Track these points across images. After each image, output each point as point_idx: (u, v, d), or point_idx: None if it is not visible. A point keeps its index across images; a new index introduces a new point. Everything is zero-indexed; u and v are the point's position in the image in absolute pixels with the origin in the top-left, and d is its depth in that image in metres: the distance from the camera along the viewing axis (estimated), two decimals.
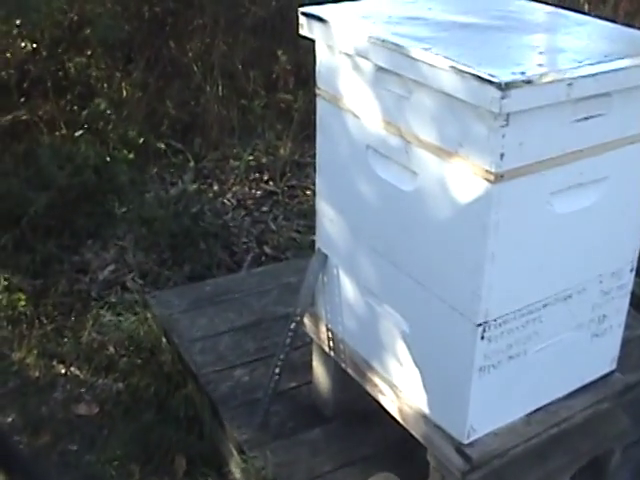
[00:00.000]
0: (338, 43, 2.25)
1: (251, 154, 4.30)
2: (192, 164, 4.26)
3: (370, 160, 2.29)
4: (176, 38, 4.65)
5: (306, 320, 2.73)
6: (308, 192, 4.12)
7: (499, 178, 1.94)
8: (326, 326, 2.65)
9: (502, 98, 1.82)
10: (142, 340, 3.12)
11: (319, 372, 2.78)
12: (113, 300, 3.38)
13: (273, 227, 3.88)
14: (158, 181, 4.16)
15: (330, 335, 2.65)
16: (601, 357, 2.47)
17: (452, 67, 1.91)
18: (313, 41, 2.37)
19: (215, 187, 4.12)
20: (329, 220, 2.51)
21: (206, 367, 2.93)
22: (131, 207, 3.85)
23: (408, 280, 2.26)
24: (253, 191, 4.11)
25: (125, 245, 3.69)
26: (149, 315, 3.20)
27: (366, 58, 2.17)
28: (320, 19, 2.28)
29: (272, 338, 3.10)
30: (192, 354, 2.98)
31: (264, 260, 3.69)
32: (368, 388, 2.51)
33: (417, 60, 1.99)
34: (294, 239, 3.80)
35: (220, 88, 4.54)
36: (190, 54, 4.56)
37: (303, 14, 2.34)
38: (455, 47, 2.03)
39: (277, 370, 2.66)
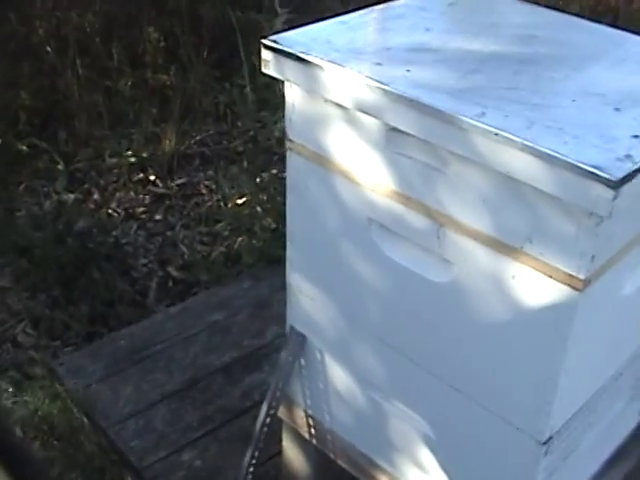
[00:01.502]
0: (327, 92, 1.61)
1: (128, 148, 3.56)
2: (62, 167, 3.48)
3: (375, 237, 1.70)
4: (18, 10, 3.77)
5: None
6: (203, 190, 3.46)
7: (587, 284, 1.42)
8: (305, 412, 2.08)
9: (614, 199, 1.29)
10: (56, 421, 2.44)
11: (292, 455, 2.22)
12: (4, 364, 2.66)
13: (173, 240, 3.21)
14: (27, 193, 3.37)
15: (311, 422, 2.09)
16: (632, 413, 2.05)
17: (526, 147, 1.35)
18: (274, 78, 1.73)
19: (95, 195, 3.38)
20: (308, 298, 1.92)
21: (147, 456, 2.30)
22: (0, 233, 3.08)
23: (434, 381, 1.72)
24: (140, 196, 3.39)
25: (4, 285, 2.93)
26: (60, 388, 2.51)
27: (375, 117, 1.56)
28: (299, 59, 1.63)
29: (215, 402, 2.50)
30: (126, 440, 2.34)
31: (172, 286, 3.03)
32: None
33: (467, 131, 1.41)
34: (200, 253, 3.15)
35: (78, 68, 3.74)
36: (40, 31, 3.71)
37: (268, 47, 1.69)
38: (508, 105, 1.45)
39: (249, 473, 2.08)
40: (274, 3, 3.70)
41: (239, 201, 3.36)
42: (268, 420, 2.03)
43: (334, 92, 1.59)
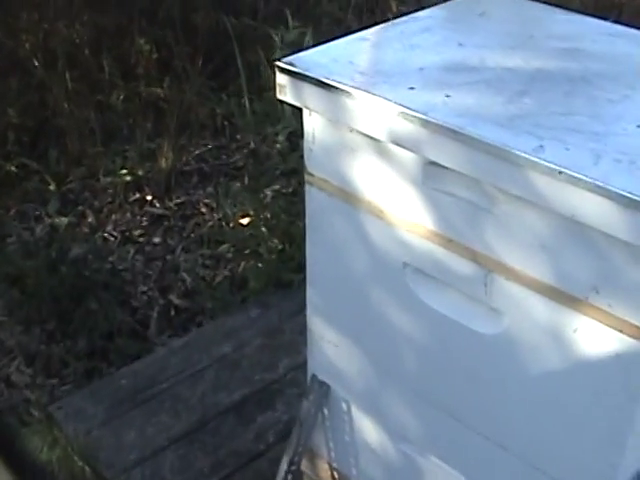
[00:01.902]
0: (354, 122, 1.40)
1: (123, 166, 3.34)
2: (54, 187, 3.25)
3: (410, 282, 1.49)
4: (3, 23, 3.55)
5: None
6: (203, 209, 3.24)
7: None
8: (329, 464, 1.88)
9: None
10: (56, 471, 2.23)
11: None
12: None
13: (173, 265, 2.99)
14: (17, 218, 3.14)
15: (336, 475, 1.88)
16: None
17: (597, 187, 1.15)
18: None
19: (90, 218, 3.15)
20: (332, 345, 1.71)
21: None
22: None
23: (478, 439, 1.52)
24: (137, 217, 3.17)
25: None
26: (59, 434, 2.30)
27: (411, 150, 1.35)
28: (321, 83, 1.42)
29: (227, 445, 2.29)
30: None
31: (174, 315, 2.82)
32: None
33: (523, 168, 1.21)
34: (203, 278, 2.94)
35: (68, 82, 3.51)
36: (27, 44, 3.48)
37: (284, 70, 1.47)
38: (566, 135, 1.25)
39: None
40: (284, 12, 3.48)
41: (242, 221, 3.15)
42: (290, 478, 1.83)
43: (362, 122, 1.38)
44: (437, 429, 1.60)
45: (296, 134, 3.48)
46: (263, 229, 3.08)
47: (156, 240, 3.12)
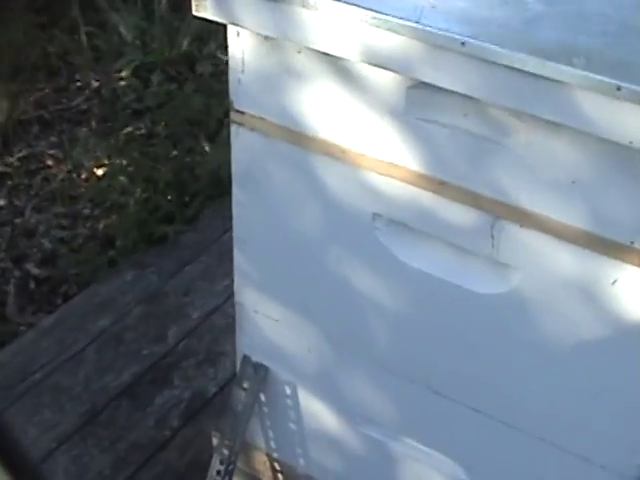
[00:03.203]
0: (308, 38, 1.02)
1: None
2: None
3: (382, 237, 1.15)
4: None
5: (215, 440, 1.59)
6: (49, 162, 2.73)
7: None
8: (268, 456, 1.53)
9: None
10: None
11: None
12: None
13: (25, 228, 2.49)
14: None
15: (277, 467, 1.54)
16: None
17: None
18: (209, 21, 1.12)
19: None
20: (270, 320, 1.35)
21: None
22: None
23: (473, 416, 1.22)
24: None
25: None
26: None
27: (394, 70, 0.99)
28: None
29: (126, 437, 1.88)
30: None
31: (34, 288, 2.34)
32: None
33: (565, 87, 0.88)
34: (62, 241, 2.47)
35: None
36: None
37: None
38: (608, 40, 0.93)
39: None
40: None
41: (97, 171, 2.68)
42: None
43: (321, 38, 1.01)
44: (415, 407, 1.28)
45: (144, 68, 3.02)
46: (122, 178, 2.63)
47: (1, 203, 2.59)
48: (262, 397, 1.45)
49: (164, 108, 2.86)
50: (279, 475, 1.55)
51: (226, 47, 1.14)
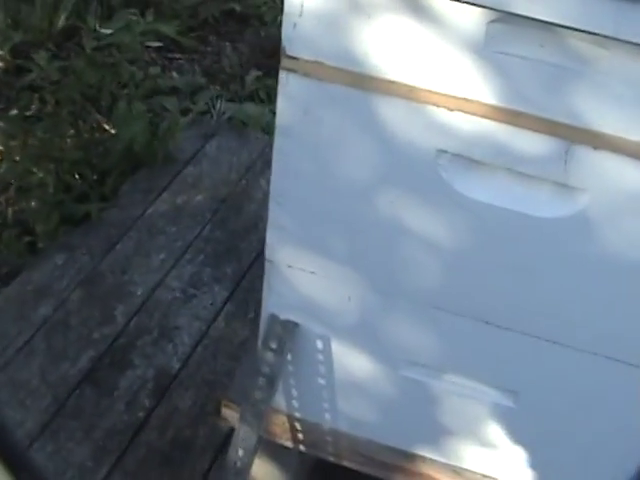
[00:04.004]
0: None
1: None
2: None
3: (444, 172, 1.17)
4: None
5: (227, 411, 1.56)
6: None
7: None
8: (288, 416, 1.52)
9: None
10: None
11: (262, 472, 1.63)
12: None
13: None
14: None
15: (298, 427, 1.53)
16: None
17: None
18: None
19: None
20: (306, 273, 1.33)
21: None
22: None
23: (527, 341, 1.27)
24: None
25: None
26: None
27: (480, 4, 1.01)
28: None
29: (99, 425, 1.80)
30: None
31: None
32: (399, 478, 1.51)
33: None
34: None
35: None
36: None
37: None
38: None
39: None
40: None
41: None
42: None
43: None
44: (463, 341, 1.32)
45: (22, 47, 2.83)
46: (17, 158, 2.47)
47: None
48: (289, 356, 1.44)
49: (54, 86, 2.71)
50: (299, 435, 1.54)
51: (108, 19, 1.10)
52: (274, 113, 2.79)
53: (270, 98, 2.91)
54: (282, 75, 1.17)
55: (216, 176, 2.50)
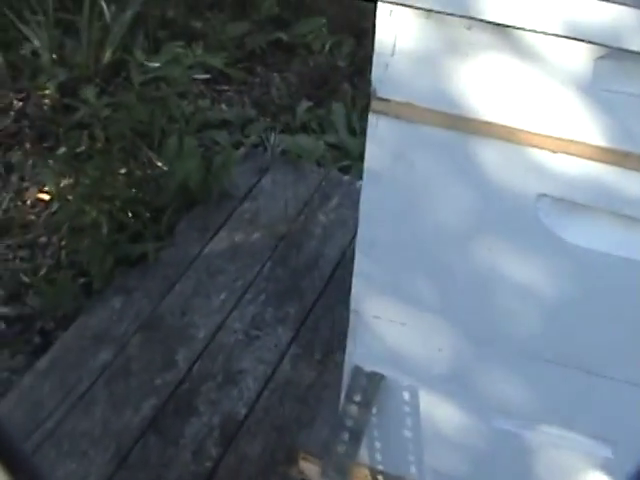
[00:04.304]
0: (483, 10, 0.96)
1: None
2: None
3: (545, 218, 1.11)
4: None
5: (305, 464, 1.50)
6: None
7: None
8: (371, 470, 1.46)
9: None
10: None
11: None
12: None
13: None
14: None
15: (381, 479, 1.47)
16: None
17: None
18: None
19: None
20: (395, 324, 1.27)
21: None
22: None
23: (628, 389, 1.20)
24: None
25: None
26: None
27: (595, 42, 0.95)
28: None
29: (165, 476, 1.75)
30: None
31: (5, 329, 2.11)
32: None
33: None
34: (24, 273, 2.25)
35: None
36: None
37: None
38: None
39: None
40: None
41: (43, 196, 2.48)
42: None
43: (497, 9, 0.95)
44: (560, 390, 1.26)
45: (67, 86, 2.82)
46: (68, 197, 2.44)
47: None
48: (374, 409, 1.38)
49: (103, 122, 2.68)
50: None
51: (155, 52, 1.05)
52: (329, 145, 2.80)
53: (322, 129, 2.87)
54: (372, 119, 1.11)
55: (273, 212, 2.45)
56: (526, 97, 1.03)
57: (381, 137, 1.13)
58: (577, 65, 1.00)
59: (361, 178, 2.64)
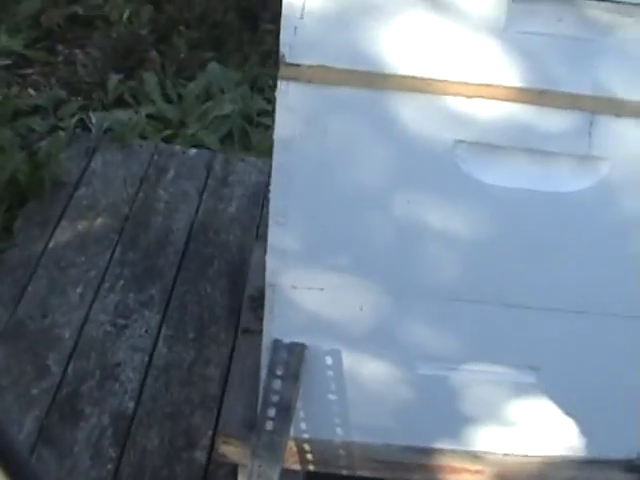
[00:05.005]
0: None
1: None
2: None
3: (462, 163, 1.10)
4: None
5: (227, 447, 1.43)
6: None
7: None
8: (295, 440, 1.41)
9: None
10: None
11: None
12: None
13: None
14: None
15: (307, 448, 1.43)
16: None
17: None
18: None
19: None
20: (314, 290, 1.23)
21: None
22: None
23: (544, 317, 1.24)
24: None
25: None
26: None
27: None
28: None
29: None
30: None
31: None
32: (418, 476, 1.44)
33: None
34: None
35: None
36: None
37: None
38: None
39: None
40: None
41: None
42: None
43: None
44: (481, 327, 1.27)
45: None
46: None
47: None
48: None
49: None
50: (308, 456, 1.44)
51: None
52: (148, 117, 2.67)
53: (137, 101, 2.73)
54: (281, 85, 1.05)
55: (111, 194, 2.30)
56: (442, 47, 1.01)
57: (292, 104, 1.06)
58: (492, 10, 0.99)
59: (190, 146, 2.59)
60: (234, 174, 2.46)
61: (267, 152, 2.65)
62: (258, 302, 1.73)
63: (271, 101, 2.88)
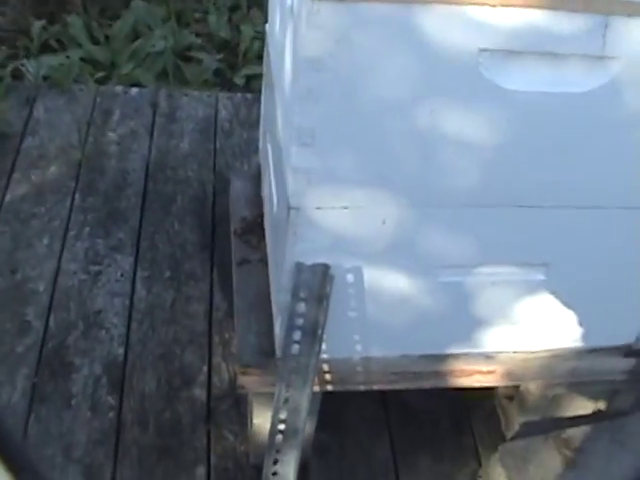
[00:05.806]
0: None
1: None
2: None
3: (485, 70, 1.12)
4: None
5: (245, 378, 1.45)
6: None
7: None
8: None
9: None
10: None
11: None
12: None
13: None
14: None
15: (326, 368, 1.45)
16: None
17: None
18: None
19: None
20: (336, 210, 1.24)
21: None
22: None
23: (556, 213, 1.30)
24: None
25: None
26: None
27: None
28: None
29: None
30: None
31: None
32: (431, 383, 1.50)
33: None
34: None
35: None
36: None
37: None
38: None
39: None
40: None
41: None
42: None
43: None
44: (497, 230, 1.31)
45: None
46: None
47: None
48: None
49: None
50: (326, 376, 1.47)
51: None
52: (82, 60, 2.57)
53: (63, 46, 2.63)
54: (312, 6, 1.04)
55: (59, 141, 2.23)
56: None
57: (321, 23, 1.05)
58: None
59: (129, 86, 2.51)
60: (180, 109, 2.42)
61: (204, 85, 2.63)
62: (247, 233, 1.74)
63: (200, 34, 2.84)
